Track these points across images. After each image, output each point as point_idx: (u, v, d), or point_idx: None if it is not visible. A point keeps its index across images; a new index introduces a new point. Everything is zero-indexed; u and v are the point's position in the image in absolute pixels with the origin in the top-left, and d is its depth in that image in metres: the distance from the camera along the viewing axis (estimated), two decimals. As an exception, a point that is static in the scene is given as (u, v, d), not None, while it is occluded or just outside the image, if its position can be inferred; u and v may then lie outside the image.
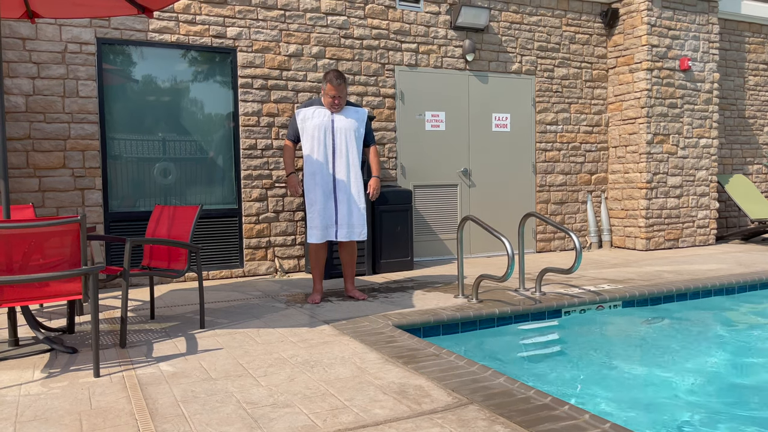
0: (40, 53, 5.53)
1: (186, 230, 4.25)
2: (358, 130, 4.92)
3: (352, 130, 4.89)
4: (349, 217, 4.89)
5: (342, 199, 4.88)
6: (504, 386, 2.91)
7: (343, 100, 4.87)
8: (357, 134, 4.91)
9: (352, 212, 4.89)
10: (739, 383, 3.43)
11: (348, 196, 4.89)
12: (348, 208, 4.89)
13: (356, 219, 4.90)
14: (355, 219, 4.90)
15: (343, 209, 4.88)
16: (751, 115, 9.64)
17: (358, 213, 4.90)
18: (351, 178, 4.89)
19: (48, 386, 3.06)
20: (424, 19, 7.22)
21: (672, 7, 8.09)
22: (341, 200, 4.88)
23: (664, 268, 6.50)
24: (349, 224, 4.89)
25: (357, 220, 4.91)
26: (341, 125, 4.88)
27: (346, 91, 4.88)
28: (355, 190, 4.90)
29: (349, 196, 4.89)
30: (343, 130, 4.87)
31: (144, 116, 5.98)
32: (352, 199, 4.90)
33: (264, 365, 3.35)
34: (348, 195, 4.89)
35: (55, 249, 3.22)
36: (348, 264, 5.15)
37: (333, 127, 4.87)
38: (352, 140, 4.89)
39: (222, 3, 6.19)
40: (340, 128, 4.87)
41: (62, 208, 5.65)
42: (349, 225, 4.90)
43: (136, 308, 4.95)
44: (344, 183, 4.87)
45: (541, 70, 7.99)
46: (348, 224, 4.89)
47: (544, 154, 8.07)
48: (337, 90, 4.80)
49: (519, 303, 4.72)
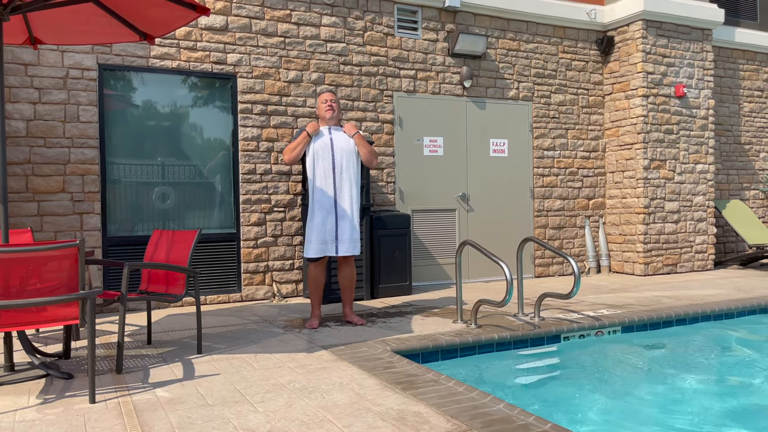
0: (42, 78, 5.58)
1: (184, 255, 4.25)
2: (354, 150, 5.02)
3: (351, 149, 5.01)
4: (351, 232, 4.95)
5: (342, 215, 4.95)
6: (503, 412, 2.89)
7: (336, 106, 5.07)
8: (355, 153, 5.02)
9: (352, 228, 4.95)
10: (738, 408, 3.40)
11: (347, 213, 4.96)
12: (347, 224, 4.96)
13: (355, 235, 4.99)
14: (354, 235, 4.98)
15: (343, 225, 4.94)
16: (747, 141, 9.72)
17: (354, 229, 4.97)
18: (350, 196, 4.97)
19: (43, 412, 3.03)
20: (422, 46, 7.31)
21: (667, 35, 8.21)
22: (341, 216, 4.94)
23: (663, 293, 6.49)
24: (351, 239, 4.97)
25: (355, 235, 4.99)
26: (340, 144, 5.00)
27: (338, 103, 5.10)
28: (355, 208, 4.97)
29: (347, 213, 4.96)
30: (342, 150, 4.99)
31: (144, 141, 6.01)
32: (350, 216, 4.96)
33: (261, 391, 3.33)
34: (347, 212, 4.96)
35: (52, 273, 3.21)
36: (346, 289, 5.15)
37: (332, 146, 4.99)
38: (352, 158, 5.00)
39: (223, 30, 6.27)
40: (339, 147, 4.99)
41: (61, 232, 5.64)
42: (351, 240, 4.97)
43: (133, 333, 4.92)
44: (344, 200, 4.96)
45: (538, 96, 8.07)
46: (350, 239, 4.96)
47: (542, 179, 8.11)
48: (330, 94, 5.07)
49: (518, 328, 4.70)
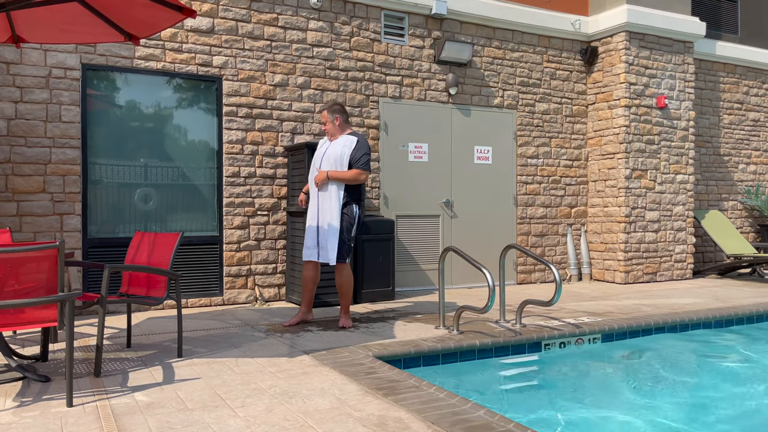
0: (23, 77, 5.52)
1: (166, 257, 4.22)
2: (341, 158, 5.03)
3: (336, 157, 5.05)
4: (331, 240, 5.00)
5: (323, 222, 5.06)
6: (484, 419, 2.90)
7: (331, 127, 5.14)
8: (339, 162, 5.03)
9: (333, 236, 4.99)
10: (717, 416, 3.45)
11: (327, 221, 5.04)
12: (327, 232, 5.02)
13: (330, 243, 5.02)
14: (329, 243, 5.02)
15: (324, 233, 5.04)
16: (726, 153, 9.88)
17: (332, 238, 5.00)
18: (330, 205, 5.02)
19: (20, 415, 2.99)
20: (408, 52, 7.34)
21: (649, 47, 8.33)
22: (322, 223, 5.06)
23: (643, 301, 6.56)
24: (330, 248, 5.01)
25: (331, 244, 5.01)
26: (330, 153, 5.09)
27: (334, 119, 5.13)
28: (335, 216, 5.00)
29: (327, 221, 5.03)
30: (330, 158, 5.07)
31: (127, 142, 5.97)
32: (332, 224, 5.01)
33: (242, 396, 3.31)
34: (327, 220, 5.04)
35: (31, 275, 3.17)
36: (340, 295, 5.22)
37: (323, 157, 5.13)
38: (336, 167, 5.03)
39: (209, 32, 6.25)
40: (328, 156, 5.09)
41: (40, 233, 5.57)
42: (330, 249, 5.01)
43: (113, 336, 4.87)
44: (324, 208, 5.05)
45: (522, 104, 8.14)
46: (330, 247, 5.01)
47: (525, 187, 8.17)
48: (321, 117, 5.21)
49: (499, 335, 4.72)
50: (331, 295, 6.20)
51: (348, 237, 5.05)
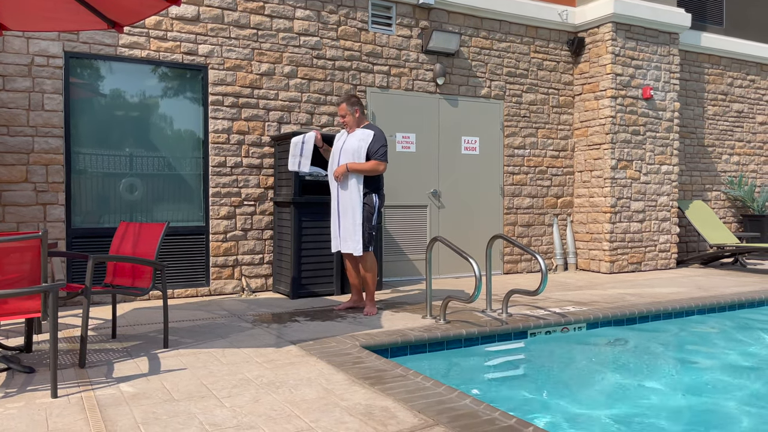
0: (5, 66, 5.43)
1: (152, 248, 4.19)
2: (358, 152, 5.15)
3: (354, 150, 5.18)
4: (351, 231, 5.15)
5: (344, 215, 5.20)
6: (470, 408, 2.92)
7: (351, 119, 5.25)
8: (357, 155, 5.15)
9: (354, 227, 5.13)
10: (695, 404, 3.50)
11: (347, 213, 5.17)
12: (347, 223, 5.17)
13: (351, 234, 5.16)
14: (350, 234, 5.17)
15: (345, 224, 5.19)
16: (710, 144, 9.97)
17: (353, 229, 5.14)
18: (350, 197, 5.14)
19: (4, 406, 2.97)
20: (396, 42, 7.31)
21: (635, 38, 8.36)
22: (343, 215, 5.21)
23: (627, 291, 6.63)
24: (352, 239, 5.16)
25: (351, 235, 5.16)
26: (348, 146, 5.21)
27: (353, 111, 5.23)
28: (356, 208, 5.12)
29: (348, 213, 5.16)
30: (348, 151, 5.20)
31: (111, 131, 5.90)
32: (351, 216, 5.14)
33: (228, 386, 3.31)
34: (347, 211, 5.17)
35: (14, 265, 3.14)
36: (364, 282, 5.37)
37: (341, 150, 5.25)
38: (355, 159, 5.15)
39: (194, 20, 6.19)
40: (346, 149, 5.21)
41: (23, 223, 5.51)
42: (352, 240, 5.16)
43: (98, 327, 4.84)
44: (344, 200, 5.19)
45: (509, 95, 8.15)
46: (351, 238, 5.17)
47: (512, 177, 8.20)
48: (339, 110, 5.29)
49: (486, 324, 4.75)
50: (318, 285, 6.21)
51: (369, 226, 5.18)
